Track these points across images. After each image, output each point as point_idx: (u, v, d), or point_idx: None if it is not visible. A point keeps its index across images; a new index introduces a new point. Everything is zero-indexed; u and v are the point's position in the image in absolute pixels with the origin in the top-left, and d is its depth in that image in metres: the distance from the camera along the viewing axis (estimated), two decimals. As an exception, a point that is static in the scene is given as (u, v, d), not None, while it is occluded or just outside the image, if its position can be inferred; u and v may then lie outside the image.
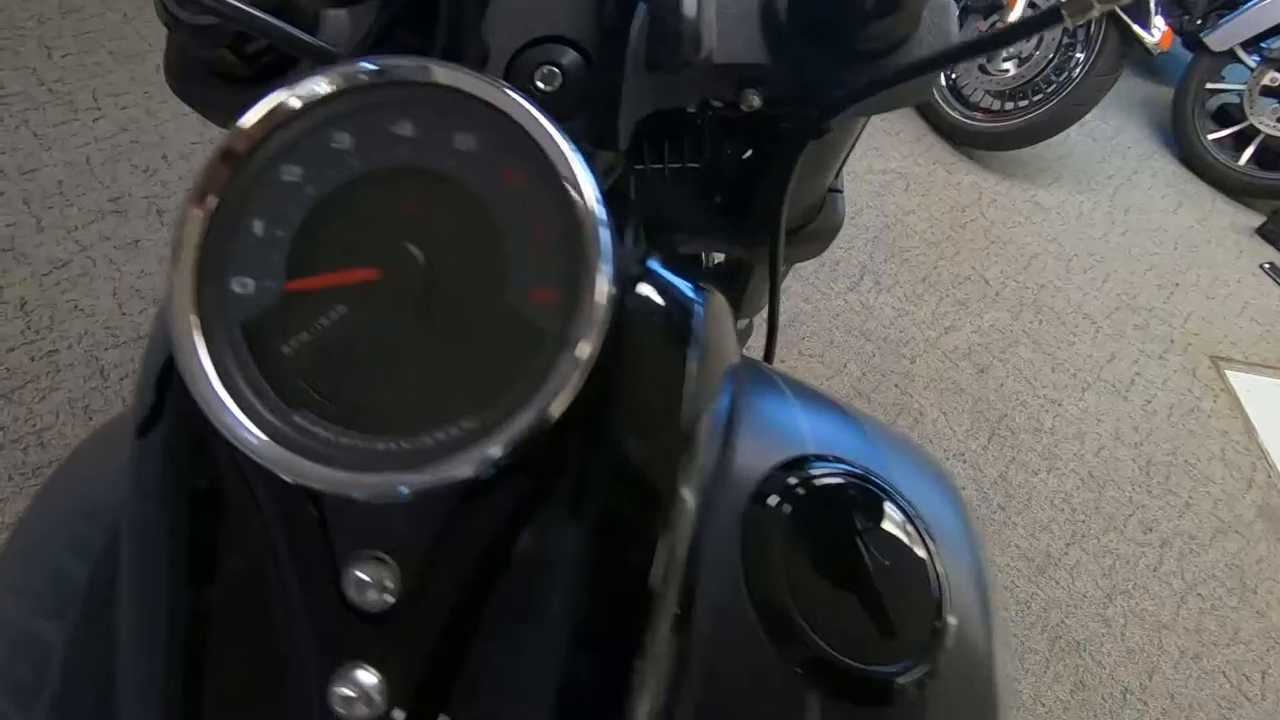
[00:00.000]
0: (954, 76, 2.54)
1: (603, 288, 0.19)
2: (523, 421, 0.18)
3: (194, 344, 0.19)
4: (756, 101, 0.33)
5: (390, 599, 0.19)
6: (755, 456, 0.29)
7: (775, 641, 0.25)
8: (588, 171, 0.20)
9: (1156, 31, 2.10)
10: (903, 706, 0.25)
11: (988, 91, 2.47)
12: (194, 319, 0.19)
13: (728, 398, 0.30)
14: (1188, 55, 2.76)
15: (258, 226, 0.20)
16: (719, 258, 0.85)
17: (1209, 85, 2.70)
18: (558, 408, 0.18)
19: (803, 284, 1.97)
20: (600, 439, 0.21)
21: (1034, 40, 2.35)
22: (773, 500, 0.28)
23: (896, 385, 1.80)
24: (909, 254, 2.15)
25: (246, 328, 0.19)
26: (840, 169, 0.52)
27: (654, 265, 0.25)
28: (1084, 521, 1.64)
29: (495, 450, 0.18)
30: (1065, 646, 1.42)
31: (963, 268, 2.16)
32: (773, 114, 0.34)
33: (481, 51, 0.29)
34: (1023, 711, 1.33)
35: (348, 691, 0.18)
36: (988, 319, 2.03)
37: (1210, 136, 2.73)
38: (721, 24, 0.31)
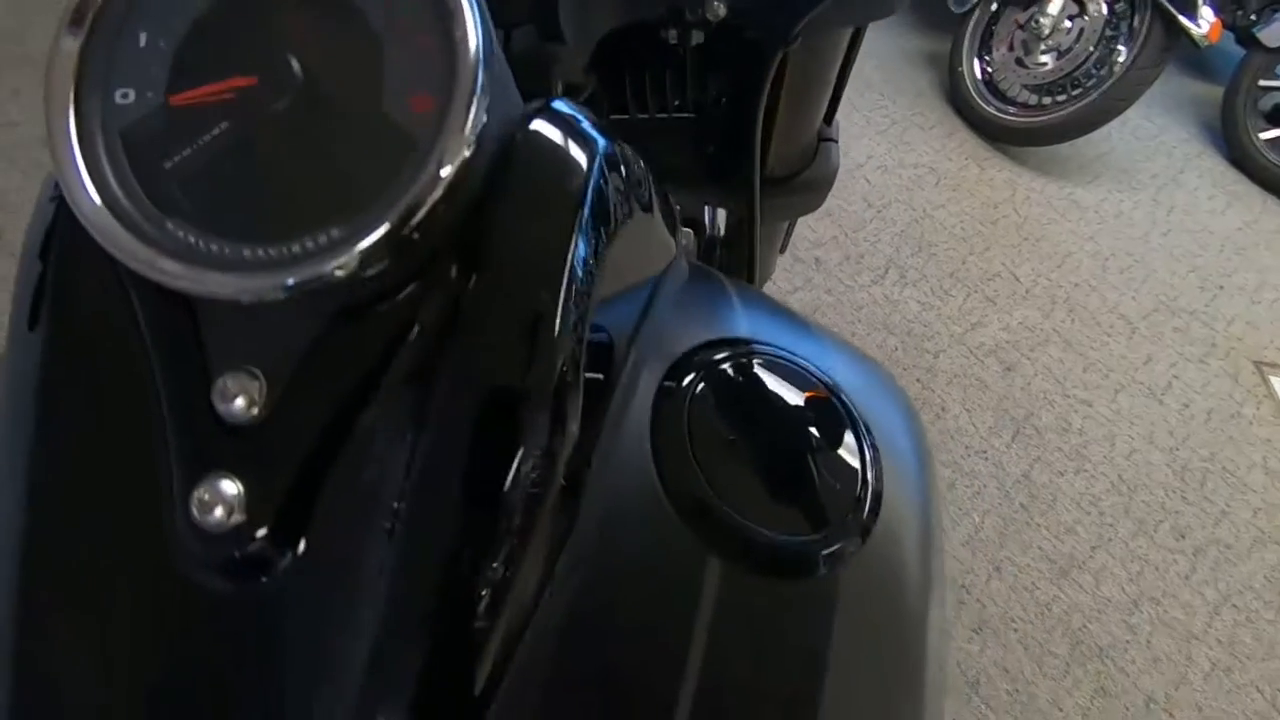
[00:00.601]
0: (990, 70, 2.48)
1: (474, 101, 0.18)
2: (382, 228, 0.17)
3: (71, 150, 0.19)
4: (722, 10, 0.32)
5: (256, 412, 0.19)
6: (677, 336, 0.28)
7: (679, 510, 0.24)
8: None
9: (1204, 23, 2.02)
10: (814, 580, 0.24)
11: (1024, 86, 2.41)
12: (71, 125, 0.19)
13: (653, 277, 0.29)
14: (1239, 53, 2.66)
15: (141, 38, 0.20)
16: (723, 229, 0.83)
17: (1262, 83, 2.59)
18: (416, 219, 0.18)
19: (825, 276, 1.94)
20: (474, 274, 0.20)
21: (1074, 33, 2.28)
22: (690, 376, 0.27)
23: (918, 380, 1.76)
24: (937, 249, 2.10)
25: (126, 139, 0.19)
26: (833, 115, 0.51)
27: (560, 105, 0.24)
28: (1112, 525, 1.58)
29: (352, 256, 0.17)
30: (1087, 652, 1.37)
31: (993, 264, 2.10)
32: (739, 24, 0.33)
33: None
34: (1039, 716, 1.29)
35: (207, 498, 0.18)
36: (1017, 316, 1.97)
37: (1263, 136, 2.62)
38: None
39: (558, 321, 0.20)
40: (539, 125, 0.22)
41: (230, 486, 0.18)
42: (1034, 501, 1.59)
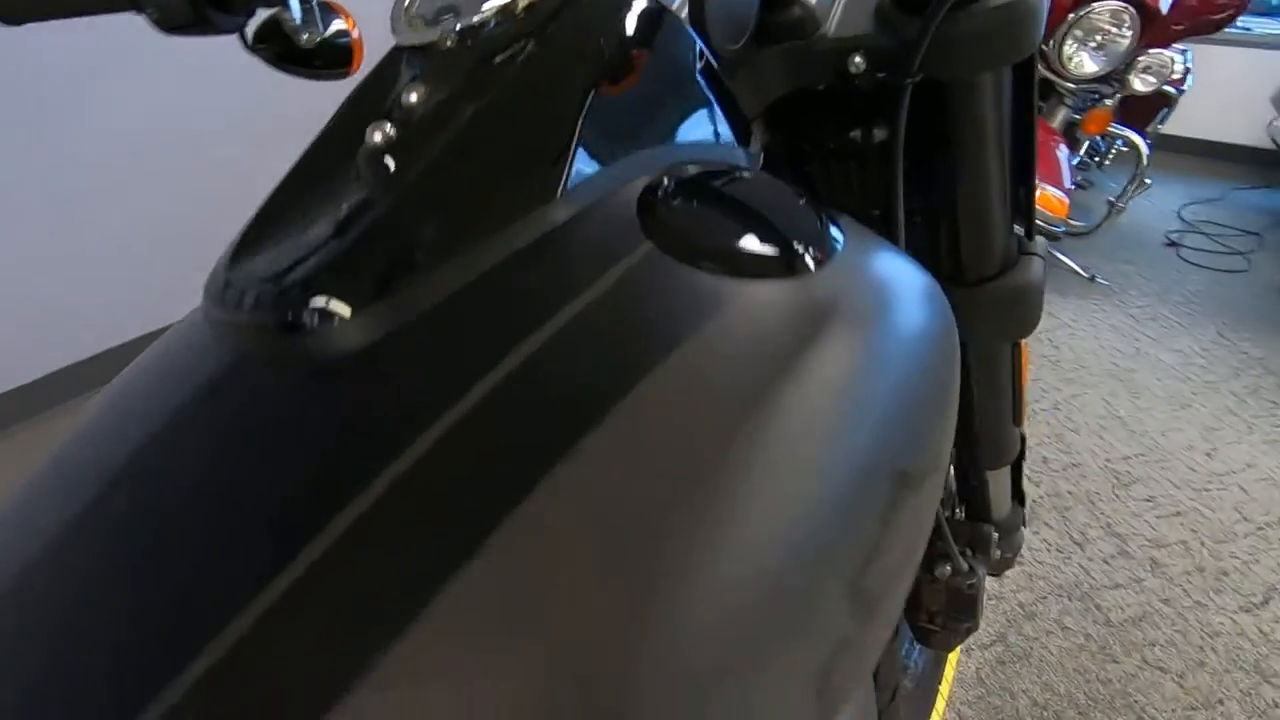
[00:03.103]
0: None
1: None
2: (498, 2, 0.34)
3: (399, 16, 0.38)
4: (862, 64, 0.42)
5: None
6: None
7: (642, 225, 0.31)
8: None
9: None
10: (734, 283, 0.30)
11: None
12: (402, 12, 0.38)
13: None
14: None
15: None
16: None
17: None
18: (520, 6, 0.34)
19: (1164, 582, 1.57)
20: (537, 56, 0.34)
21: None
22: (691, 170, 0.35)
23: (1314, 758, 1.23)
24: (1358, 592, 1.55)
25: (421, 14, 0.38)
26: (1031, 226, 0.53)
27: None
28: None
29: (485, 13, 0.34)
30: None
31: None
32: (876, 73, 0.43)
33: None
34: None
35: (377, 125, 0.33)
36: None
37: None
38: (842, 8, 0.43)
39: (575, 89, 0.34)
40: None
41: (389, 128, 0.33)
42: None
